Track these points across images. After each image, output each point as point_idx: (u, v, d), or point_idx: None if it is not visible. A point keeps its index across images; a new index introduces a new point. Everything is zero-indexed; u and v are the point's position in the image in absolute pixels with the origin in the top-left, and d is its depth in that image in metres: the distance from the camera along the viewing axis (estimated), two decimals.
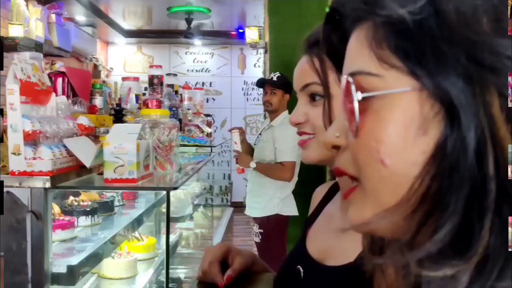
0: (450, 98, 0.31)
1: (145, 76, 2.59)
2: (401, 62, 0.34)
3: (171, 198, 3.19)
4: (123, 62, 7.92)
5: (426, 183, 0.32)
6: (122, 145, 1.42)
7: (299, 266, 0.79)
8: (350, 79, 0.36)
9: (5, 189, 1.36)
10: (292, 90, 3.67)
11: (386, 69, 0.35)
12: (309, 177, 3.52)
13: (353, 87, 0.36)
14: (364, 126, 0.36)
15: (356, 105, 0.36)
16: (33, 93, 1.42)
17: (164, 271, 2.68)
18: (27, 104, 1.38)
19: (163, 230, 3.25)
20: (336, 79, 0.73)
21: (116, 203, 2.43)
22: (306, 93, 0.79)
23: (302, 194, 3.38)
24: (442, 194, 0.32)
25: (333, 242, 0.76)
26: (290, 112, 3.38)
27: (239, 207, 7.92)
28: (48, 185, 1.35)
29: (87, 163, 1.45)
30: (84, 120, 1.62)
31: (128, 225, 2.18)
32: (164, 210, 3.20)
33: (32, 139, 1.36)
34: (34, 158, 1.35)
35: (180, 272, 3.30)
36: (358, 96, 0.35)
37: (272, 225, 3.24)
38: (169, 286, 2.80)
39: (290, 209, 3.28)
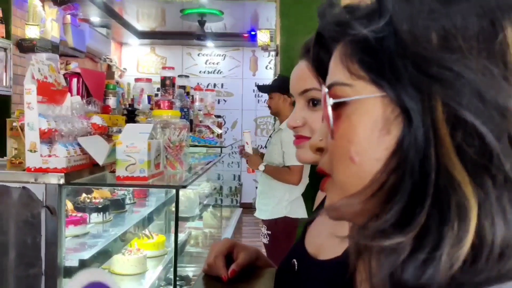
0: (404, 103, 0.37)
1: (158, 77, 2.64)
2: (366, 73, 0.40)
3: (181, 198, 3.26)
4: (136, 62, 8.02)
5: (386, 174, 0.38)
6: (134, 144, 1.47)
7: (294, 260, 0.84)
8: (326, 90, 0.43)
9: (21, 185, 1.41)
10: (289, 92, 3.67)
11: (354, 80, 0.41)
12: (319, 180, 3.54)
13: (327, 96, 0.42)
14: (338, 129, 0.42)
15: (329, 110, 0.42)
16: (49, 93, 1.48)
17: (172, 269, 2.74)
18: (43, 104, 1.43)
19: (173, 228, 3.31)
20: None
21: (127, 201, 2.49)
22: (305, 98, 0.82)
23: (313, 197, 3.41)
24: (396, 183, 0.38)
25: (326, 238, 0.80)
26: None
27: (248, 208, 7.97)
28: (62, 181, 1.40)
29: (100, 161, 1.50)
30: (97, 119, 1.68)
31: (138, 223, 2.23)
32: (174, 209, 3.27)
33: (47, 137, 1.41)
34: (50, 156, 1.40)
35: (188, 270, 3.34)
36: (330, 101, 0.42)
37: (280, 227, 3.27)
38: (178, 283, 2.86)
39: (299, 211, 3.29)
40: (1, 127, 4.29)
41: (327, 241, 0.79)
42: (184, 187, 1.52)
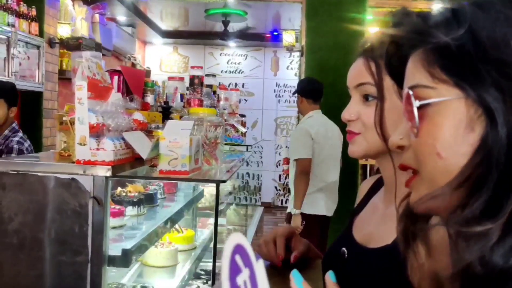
0: (487, 104, 0.42)
1: (180, 75, 2.72)
2: (449, 77, 0.45)
3: (206, 194, 3.32)
4: (159, 61, 8.13)
5: (471, 168, 0.43)
6: (176, 139, 1.53)
7: (344, 248, 0.88)
8: (410, 92, 0.48)
9: (70, 176, 1.49)
10: (310, 95, 3.72)
11: (437, 83, 0.46)
12: (351, 176, 3.58)
13: (412, 98, 0.47)
14: (422, 128, 0.47)
15: (415, 111, 0.47)
16: (97, 90, 1.55)
17: (201, 263, 2.80)
18: (92, 99, 1.51)
19: (199, 224, 3.38)
20: (389, 84, 0.80)
21: (158, 196, 2.56)
22: (359, 92, 0.86)
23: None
24: (481, 175, 0.42)
25: (375, 228, 0.85)
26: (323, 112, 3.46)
27: (267, 207, 8.02)
28: (109, 173, 1.47)
29: (144, 155, 1.56)
30: (139, 116, 1.75)
31: (170, 217, 2.30)
32: (200, 205, 3.33)
33: (96, 132, 1.48)
34: (98, 149, 1.47)
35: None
36: (416, 103, 0.47)
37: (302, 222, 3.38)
38: (204, 277, 2.92)
39: (314, 208, 3.37)
40: (35, 121, 4.41)
41: (376, 230, 0.84)
42: (224, 181, 1.58)
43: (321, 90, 3.45)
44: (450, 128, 0.44)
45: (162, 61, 8.14)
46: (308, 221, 3.35)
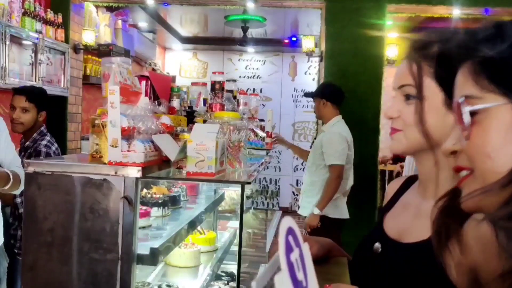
0: None
1: (199, 80, 2.79)
2: (496, 87, 0.50)
3: (226, 197, 3.37)
4: (179, 67, 8.25)
5: None
6: (203, 142, 1.59)
7: (377, 243, 0.93)
8: (462, 100, 0.54)
9: (102, 177, 1.55)
10: (335, 99, 3.76)
11: (485, 93, 0.51)
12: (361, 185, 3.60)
13: (464, 105, 0.53)
14: (472, 132, 0.52)
15: (467, 116, 0.52)
16: (127, 94, 1.62)
17: (223, 265, 2.85)
18: (123, 104, 1.57)
19: (219, 226, 3.43)
20: (429, 85, 0.84)
21: (181, 198, 2.63)
22: (402, 92, 0.91)
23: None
24: None
25: (409, 224, 0.89)
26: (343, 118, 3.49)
27: (285, 212, 8.05)
28: (139, 174, 1.53)
29: (172, 157, 1.62)
30: (166, 119, 1.81)
31: (193, 219, 2.36)
32: (220, 208, 3.39)
33: (127, 134, 1.55)
34: (129, 151, 1.53)
35: (233, 267, 3.45)
36: (467, 108, 0.53)
37: (322, 226, 3.41)
38: (224, 279, 2.97)
39: (337, 212, 3.40)
40: (60, 125, 4.51)
41: (411, 225, 0.88)
42: (249, 183, 1.63)
43: (344, 95, 3.49)
44: (497, 131, 0.49)
45: (181, 66, 8.25)
46: (331, 224, 3.39)
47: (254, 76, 8.33)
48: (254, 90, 8.06)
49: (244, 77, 8.28)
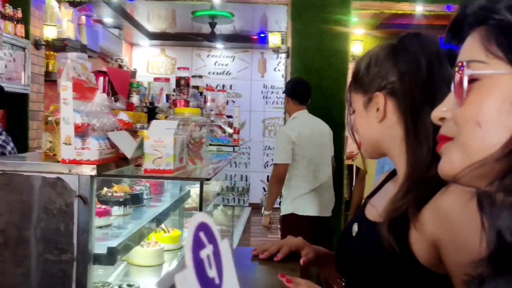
0: None
1: (167, 77, 2.76)
2: (503, 54, 0.47)
3: (193, 195, 3.34)
4: (146, 63, 8.14)
5: None
6: (161, 139, 1.56)
7: (355, 225, 1.01)
8: (465, 63, 0.50)
9: (56, 175, 1.51)
10: (295, 96, 3.79)
11: (491, 58, 0.48)
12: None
13: (465, 68, 0.49)
14: (468, 98, 0.49)
15: (465, 80, 0.49)
16: (82, 90, 1.57)
17: None
18: (77, 100, 1.53)
19: (186, 224, 3.40)
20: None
21: (144, 196, 2.59)
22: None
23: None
24: None
25: (383, 206, 0.93)
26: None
27: (256, 208, 8.05)
28: (94, 172, 1.49)
29: (129, 155, 1.59)
30: (124, 116, 1.77)
31: (157, 217, 2.32)
32: (187, 205, 3.36)
33: (81, 131, 1.51)
34: (83, 148, 1.49)
35: None
36: (468, 72, 0.49)
37: (287, 224, 3.40)
38: None
39: (306, 208, 3.39)
40: (22, 123, 4.39)
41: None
42: (208, 179, 1.61)
43: (307, 91, 3.47)
44: (496, 101, 0.46)
45: (149, 62, 8.14)
46: (300, 221, 3.37)
47: (224, 72, 8.30)
48: (223, 86, 8.03)
49: (213, 73, 8.24)
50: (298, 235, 3.55)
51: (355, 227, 1.00)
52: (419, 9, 4.17)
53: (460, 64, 0.50)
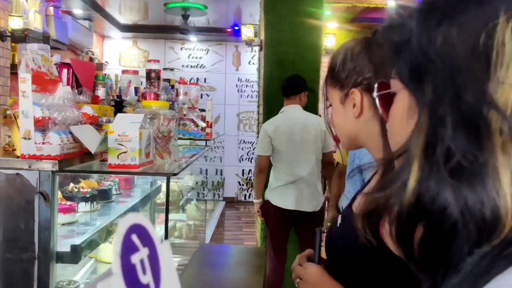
0: (419, 97, 0.48)
1: (140, 70, 2.69)
2: (396, 74, 0.52)
3: (164, 190, 3.29)
4: (118, 56, 7.98)
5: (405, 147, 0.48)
6: (125, 133, 1.51)
7: (339, 216, 1.04)
8: (376, 85, 0.59)
9: (15, 171, 1.45)
10: (282, 90, 3.78)
11: (392, 79, 0.54)
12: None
13: (376, 89, 0.59)
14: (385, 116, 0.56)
15: (376, 100, 0.58)
16: (42, 82, 1.52)
17: None
18: (37, 93, 1.47)
19: (157, 219, 3.35)
20: None
21: (113, 191, 2.53)
22: None
23: None
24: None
25: None
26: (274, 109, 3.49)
27: (230, 202, 8.03)
28: (56, 168, 1.44)
29: (92, 149, 1.54)
30: (88, 109, 1.72)
31: (125, 212, 2.27)
32: (159, 200, 3.31)
33: (41, 125, 1.45)
34: (43, 143, 1.44)
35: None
36: (374, 94, 0.58)
37: (264, 210, 3.51)
38: None
39: (281, 201, 3.41)
40: None
41: None
42: (175, 174, 1.58)
43: (289, 86, 3.48)
44: (397, 115, 0.52)
45: (121, 55, 7.99)
46: (273, 210, 3.42)
47: (198, 66, 8.21)
48: (197, 79, 7.94)
49: (187, 66, 8.14)
50: (274, 223, 3.60)
51: (339, 218, 1.04)
52: (391, 3, 4.19)
53: (376, 85, 0.57)
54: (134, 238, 0.31)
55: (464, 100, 0.42)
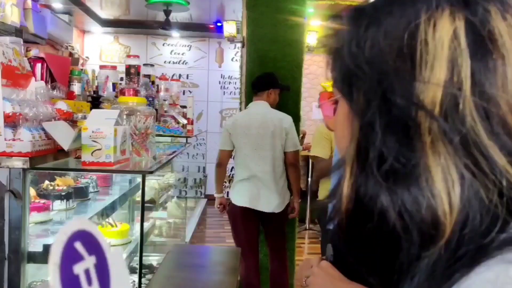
0: (353, 104, 0.50)
1: (122, 65, 2.64)
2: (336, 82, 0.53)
3: (145, 187, 3.24)
4: (99, 51, 7.86)
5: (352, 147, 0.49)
6: (100, 129, 1.47)
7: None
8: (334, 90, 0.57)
9: None
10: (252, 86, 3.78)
11: (335, 87, 0.54)
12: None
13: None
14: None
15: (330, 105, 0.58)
16: (13, 77, 1.47)
17: (136, 258, 2.74)
18: (7, 87, 1.42)
19: (137, 217, 3.30)
20: None
21: (90, 189, 2.48)
22: None
23: None
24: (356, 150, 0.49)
25: None
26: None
27: (213, 199, 7.98)
28: (27, 165, 1.40)
29: (65, 146, 1.50)
30: (62, 105, 1.67)
31: (101, 211, 2.23)
32: (138, 198, 3.26)
33: (12, 121, 1.40)
34: (14, 140, 1.39)
35: (152, 259, 3.35)
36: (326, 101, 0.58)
37: (228, 209, 3.56)
38: (142, 271, 2.86)
39: (237, 198, 3.40)
40: None
41: None
42: (151, 172, 1.54)
43: (256, 82, 3.47)
44: (339, 122, 0.53)
45: (102, 50, 7.87)
46: (233, 209, 3.43)
47: (180, 62, 8.13)
48: (180, 76, 7.87)
49: (169, 62, 8.06)
50: (234, 222, 3.61)
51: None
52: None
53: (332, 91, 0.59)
54: (78, 246, 0.29)
55: (393, 103, 0.42)
